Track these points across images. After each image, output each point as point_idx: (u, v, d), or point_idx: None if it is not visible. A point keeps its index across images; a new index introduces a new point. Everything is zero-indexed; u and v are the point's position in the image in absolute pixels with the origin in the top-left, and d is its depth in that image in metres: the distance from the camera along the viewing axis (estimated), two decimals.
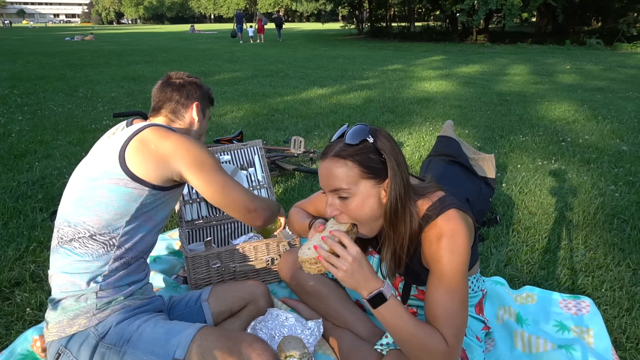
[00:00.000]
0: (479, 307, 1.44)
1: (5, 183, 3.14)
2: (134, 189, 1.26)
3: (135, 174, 1.25)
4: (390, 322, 1.06)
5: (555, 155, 3.86)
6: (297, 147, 3.44)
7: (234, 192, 1.38)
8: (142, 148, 1.26)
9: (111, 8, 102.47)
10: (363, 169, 1.07)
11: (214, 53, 14.83)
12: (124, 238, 1.28)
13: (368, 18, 27.86)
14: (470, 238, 1.10)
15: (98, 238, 1.25)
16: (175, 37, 27.43)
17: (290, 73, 9.55)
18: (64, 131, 4.66)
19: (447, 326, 1.06)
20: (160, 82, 1.50)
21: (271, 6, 76.22)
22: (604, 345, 1.56)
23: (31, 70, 9.55)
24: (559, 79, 8.78)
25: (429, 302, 1.10)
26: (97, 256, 1.26)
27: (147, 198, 1.29)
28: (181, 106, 1.46)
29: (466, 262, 1.09)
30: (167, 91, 1.46)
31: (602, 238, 2.41)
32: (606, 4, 20.33)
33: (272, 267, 1.97)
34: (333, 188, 1.09)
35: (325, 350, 1.55)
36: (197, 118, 1.48)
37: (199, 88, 1.50)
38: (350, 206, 1.09)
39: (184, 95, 1.46)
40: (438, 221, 1.11)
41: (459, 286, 1.08)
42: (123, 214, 1.27)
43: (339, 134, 1.13)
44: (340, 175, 1.07)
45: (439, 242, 1.09)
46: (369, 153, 1.08)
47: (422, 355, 1.06)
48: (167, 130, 1.32)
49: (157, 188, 1.30)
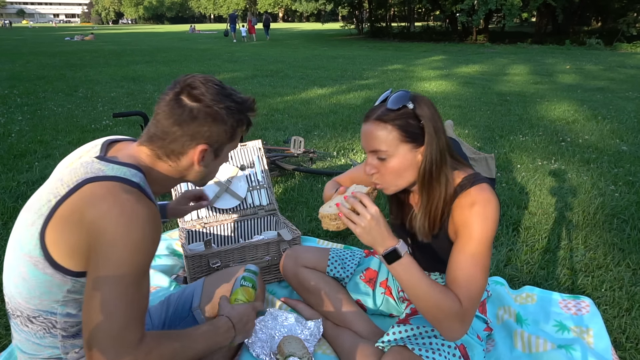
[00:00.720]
0: (482, 307, 1.44)
1: (5, 183, 3.14)
2: (53, 277, 0.94)
3: (53, 258, 0.93)
4: (404, 278, 1.11)
5: (555, 155, 3.86)
6: (297, 147, 3.45)
7: (111, 314, 0.89)
8: (64, 221, 0.91)
9: (111, 8, 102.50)
10: (402, 133, 1.12)
11: (214, 53, 14.83)
12: (67, 323, 1.01)
13: (368, 18, 27.87)
14: (499, 211, 1.16)
15: (34, 321, 1.00)
16: (175, 37, 27.43)
17: (290, 73, 9.55)
18: (63, 131, 4.66)
19: (464, 289, 1.12)
20: (171, 95, 1.02)
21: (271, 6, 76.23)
22: (604, 345, 1.56)
23: (31, 70, 9.55)
24: (559, 79, 8.79)
25: (451, 264, 1.15)
26: (44, 341, 1.02)
27: (75, 286, 0.96)
28: (180, 146, 1.03)
29: (494, 232, 1.14)
30: (171, 118, 1.01)
31: (601, 238, 2.41)
32: (606, 4, 20.34)
33: (272, 267, 1.97)
34: (373, 149, 1.15)
35: (325, 350, 1.55)
36: (199, 163, 1.07)
37: (220, 122, 1.03)
38: (387, 166, 1.15)
39: (188, 132, 1.02)
40: (472, 190, 1.17)
41: (483, 253, 1.13)
42: (50, 300, 0.97)
43: (382, 98, 1.17)
44: (380, 137, 1.13)
45: (471, 208, 1.14)
46: (408, 118, 1.13)
47: (435, 313, 1.11)
48: (114, 195, 0.91)
49: (85, 275, 0.94)
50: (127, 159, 1.02)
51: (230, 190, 2.26)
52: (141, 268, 0.92)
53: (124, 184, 0.94)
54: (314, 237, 2.37)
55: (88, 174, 0.94)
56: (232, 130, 1.07)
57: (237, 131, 1.08)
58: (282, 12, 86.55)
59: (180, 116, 1.00)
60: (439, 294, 1.10)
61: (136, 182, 0.96)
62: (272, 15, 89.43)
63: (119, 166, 0.97)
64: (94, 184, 0.92)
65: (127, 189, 0.93)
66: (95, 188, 0.92)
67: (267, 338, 1.55)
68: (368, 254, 1.73)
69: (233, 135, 1.08)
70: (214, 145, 1.06)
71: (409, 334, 1.30)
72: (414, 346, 1.23)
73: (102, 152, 1.03)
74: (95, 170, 0.95)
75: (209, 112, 1.01)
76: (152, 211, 0.94)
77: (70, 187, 0.93)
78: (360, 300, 1.64)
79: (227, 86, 1.07)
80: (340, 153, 3.96)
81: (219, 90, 1.04)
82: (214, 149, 1.07)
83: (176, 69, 10.06)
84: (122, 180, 0.94)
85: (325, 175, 3.34)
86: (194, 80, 1.02)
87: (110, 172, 0.95)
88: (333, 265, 1.66)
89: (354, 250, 1.77)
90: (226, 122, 1.04)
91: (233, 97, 1.05)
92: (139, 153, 1.05)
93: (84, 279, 0.94)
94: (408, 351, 1.22)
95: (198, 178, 1.12)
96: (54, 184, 0.98)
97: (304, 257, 1.68)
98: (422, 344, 1.24)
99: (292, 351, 1.42)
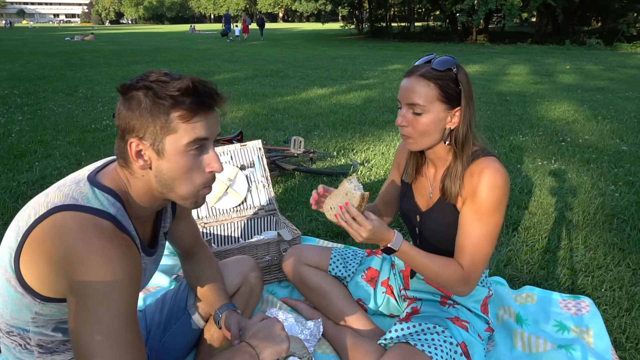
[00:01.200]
0: (484, 307, 1.45)
1: (5, 183, 3.14)
2: (23, 296, 0.90)
3: (24, 278, 0.88)
4: (405, 260, 1.24)
5: (555, 155, 3.86)
6: (297, 147, 3.45)
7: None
8: (35, 245, 0.87)
9: (111, 8, 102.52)
10: (441, 92, 1.20)
11: (214, 53, 14.83)
12: (42, 340, 0.97)
13: (368, 18, 27.87)
14: (508, 183, 1.22)
15: (10, 336, 0.97)
16: (175, 37, 27.43)
17: (290, 73, 9.55)
18: (63, 131, 4.66)
19: (469, 255, 1.23)
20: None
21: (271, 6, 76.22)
22: (604, 345, 1.56)
23: (31, 70, 9.55)
24: (559, 79, 8.79)
25: (460, 232, 1.25)
26: (23, 356, 0.99)
27: (42, 310, 0.92)
28: (121, 145, 0.94)
29: (502, 201, 1.21)
30: (116, 117, 0.93)
31: (601, 238, 2.41)
32: (606, 4, 20.34)
33: (272, 267, 1.97)
34: (411, 102, 1.21)
35: (325, 349, 1.55)
36: (141, 166, 0.92)
37: (135, 108, 0.89)
38: (420, 121, 1.22)
39: (120, 128, 0.92)
40: (482, 160, 1.23)
41: (490, 221, 1.21)
42: (20, 319, 0.94)
43: (426, 59, 1.24)
44: (421, 92, 1.20)
45: (480, 176, 1.21)
46: (450, 81, 1.20)
47: (440, 281, 1.25)
48: (76, 228, 0.85)
49: (54, 301, 0.90)
50: (109, 182, 0.96)
51: (230, 190, 2.26)
52: (122, 308, 0.85)
53: (98, 216, 0.88)
54: (314, 237, 2.37)
55: (67, 198, 0.89)
56: (155, 115, 0.88)
57: (171, 117, 0.88)
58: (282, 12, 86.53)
59: (125, 108, 0.91)
60: (438, 268, 1.23)
61: (112, 213, 0.91)
62: (272, 15, 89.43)
63: (100, 192, 0.93)
64: (67, 213, 0.87)
65: (99, 224, 0.87)
66: (67, 220, 0.86)
67: None
68: (370, 254, 1.73)
69: (167, 122, 0.89)
70: (147, 139, 0.90)
71: (411, 331, 1.31)
72: (416, 342, 1.23)
73: (99, 168, 1.00)
74: (77, 195, 0.90)
75: (127, 98, 0.90)
76: (123, 245, 0.88)
77: (48, 209, 0.88)
78: (361, 300, 1.64)
79: (173, 73, 0.93)
80: (340, 153, 3.96)
81: (145, 75, 0.91)
82: (151, 144, 0.90)
83: (176, 69, 10.06)
84: (97, 212, 0.89)
85: (326, 175, 3.34)
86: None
87: (88, 200, 0.90)
88: (335, 264, 1.66)
89: (356, 250, 1.77)
90: (141, 105, 0.88)
91: (157, 78, 0.90)
92: (116, 170, 0.98)
93: (53, 304, 0.90)
94: (411, 347, 1.23)
95: (160, 187, 0.95)
96: (44, 197, 0.93)
97: (306, 255, 1.69)
98: (425, 340, 1.24)
99: (292, 351, 1.42)
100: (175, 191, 0.95)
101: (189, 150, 0.92)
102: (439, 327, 1.29)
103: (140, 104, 0.88)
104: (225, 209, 2.26)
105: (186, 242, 1.37)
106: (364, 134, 4.61)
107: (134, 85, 0.89)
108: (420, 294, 1.50)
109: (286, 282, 1.98)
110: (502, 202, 1.21)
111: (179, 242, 1.36)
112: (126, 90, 0.90)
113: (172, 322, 1.42)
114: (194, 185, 0.95)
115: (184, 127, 0.90)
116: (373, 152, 3.98)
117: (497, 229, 1.23)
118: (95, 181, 0.95)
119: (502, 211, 1.22)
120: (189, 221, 1.35)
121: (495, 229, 1.23)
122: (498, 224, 1.23)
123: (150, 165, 0.92)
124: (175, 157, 0.91)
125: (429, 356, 1.20)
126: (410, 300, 1.54)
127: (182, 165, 0.92)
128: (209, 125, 0.93)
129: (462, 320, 1.36)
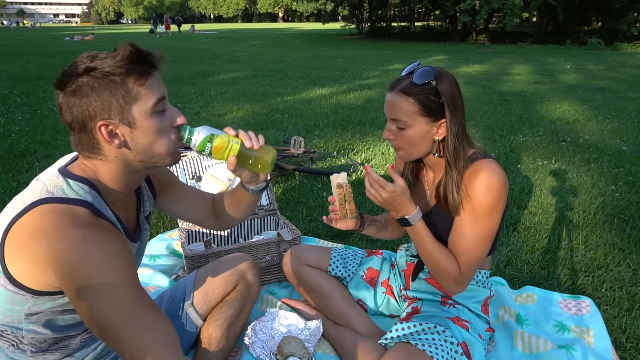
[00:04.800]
0: (485, 308, 1.45)
1: (5, 183, 3.14)
2: (14, 294, 0.90)
3: (12, 275, 0.88)
4: (414, 238, 1.28)
5: (555, 155, 3.86)
6: (297, 147, 3.44)
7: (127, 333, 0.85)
8: (18, 242, 0.87)
9: (111, 8, 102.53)
10: (421, 107, 1.19)
11: (214, 53, 14.83)
12: (34, 339, 0.98)
13: (368, 18, 27.86)
14: (505, 185, 1.21)
15: (3, 335, 0.97)
16: (175, 37, 27.43)
17: (290, 73, 9.54)
18: (63, 131, 4.66)
19: (464, 256, 1.24)
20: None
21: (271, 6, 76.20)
22: (604, 345, 1.56)
23: (31, 70, 9.55)
24: (560, 78, 8.78)
25: (454, 233, 1.26)
26: (16, 356, 1.00)
27: (36, 304, 0.92)
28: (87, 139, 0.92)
29: (498, 204, 1.20)
30: (65, 113, 0.91)
31: (602, 238, 2.41)
32: (606, 3, 20.32)
33: (272, 267, 1.97)
34: (393, 117, 1.22)
35: (325, 350, 1.55)
36: (117, 145, 0.92)
37: (94, 82, 0.87)
38: (404, 135, 1.23)
39: (77, 120, 0.90)
40: (479, 162, 1.22)
41: (485, 224, 1.21)
42: (13, 317, 0.94)
43: (409, 69, 1.24)
44: (401, 108, 1.20)
45: (476, 178, 1.20)
46: (430, 94, 1.19)
47: (436, 272, 1.28)
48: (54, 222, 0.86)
49: (46, 294, 0.91)
50: (80, 172, 0.96)
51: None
52: (122, 283, 0.86)
53: (75, 206, 0.89)
54: (314, 237, 2.37)
55: (43, 193, 0.90)
56: (114, 90, 0.87)
57: (129, 86, 0.89)
58: (282, 12, 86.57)
59: (67, 100, 0.89)
60: (440, 257, 1.25)
61: (89, 201, 0.92)
62: (273, 15, 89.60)
63: (74, 182, 0.93)
64: (45, 207, 0.87)
65: (77, 214, 0.88)
66: (45, 214, 0.86)
67: (267, 338, 1.55)
68: (370, 254, 1.73)
69: (127, 92, 0.88)
70: (114, 117, 0.89)
71: (411, 331, 1.31)
72: (417, 342, 1.23)
73: (68, 163, 1.00)
74: (52, 188, 0.91)
75: (72, 89, 0.87)
76: (104, 228, 0.89)
77: (25, 206, 0.88)
78: (361, 300, 1.64)
79: (98, 52, 0.91)
80: (340, 153, 3.96)
81: (76, 63, 0.89)
82: (120, 120, 0.90)
83: (176, 69, 10.06)
84: (74, 202, 0.90)
85: (326, 175, 3.34)
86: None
87: (64, 192, 0.91)
88: (335, 265, 1.66)
89: (355, 250, 1.77)
90: (94, 87, 0.87)
91: (92, 60, 0.88)
92: (82, 164, 0.98)
93: (46, 297, 0.91)
94: (411, 346, 1.23)
95: (140, 158, 0.95)
96: (20, 196, 0.93)
97: (306, 255, 1.69)
98: (425, 340, 1.24)
99: (292, 351, 1.42)
100: (155, 154, 0.96)
101: (156, 111, 0.93)
102: (440, 327, 1.29)
103: (92, 86, 0.87)
104: None
105: (196, 207, 1.31)
106: (364, 134, 4.61)
107: (72, 73, 0.88)
108: (421, 294, 1.50)
109: (286, 282, 1.98)
110: (498, 204, 1.20)
111: (190, 211, 1.31)
112: (65, 82, 0.88)
113: (172, 317, 1.42)
114: (168, 142, 0.97)
115: (144, 91, 0.91)
116: (373, 152, 3.98)
117: (491, 230, 1.23)
118: (67, 172, 0.95)
119: (498, 213, 1.21)
120: (179, 190, 1.30)
121: (490, 231, 1.23)
122: (493, 226, 1.22)
123: (125, 141, 0.92)
124: (146, 122, 0.92)
125: (430, 356, 1.20)
126: (411, 300, 1.54)
127: (155, 127, 0.93)
128: (160, 84, 0.95)
129: (463, 320, 1.36)
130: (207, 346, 1.39)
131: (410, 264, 1.55)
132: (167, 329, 0.90)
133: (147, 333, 0.86)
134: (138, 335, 0.85)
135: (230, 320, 1.42)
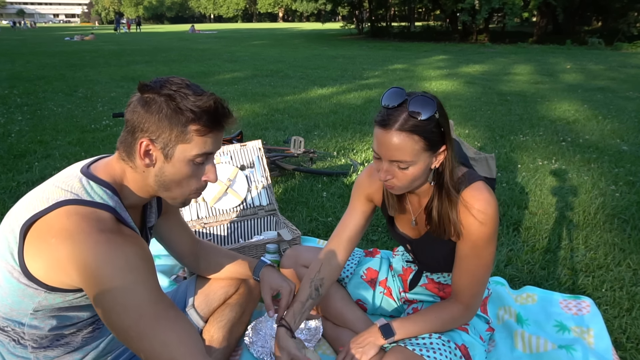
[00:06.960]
0: (483, 307, 1.45)
1: (5, 183, 3.13)
2: (27, 287, 0.92)
3: (28, 269, 0.90)
4: (404, 336, 1.27)
5: (555, 155, 3.86)
6: (297, 147, 3.44)
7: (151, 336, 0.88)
8: (41, 238, 0.89)
9: (111, 8, 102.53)
10: (427, 143, 1.09)
11: (214, 53, 14.83)
12: (35, 335, 0.98)
13: (368, 18, 27.87)
14: (497, 208, 1.17)
15: (5, 330, 0.98)
16: (175, 37, 27.43)
17: (290, 73, 9.54)
18: (63, 131, 4.66)
19: (468, 289, 1.24)
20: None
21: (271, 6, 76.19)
22: (605, 345, 1.56)
23: (31, 70, 9.55)
24: (560, 78, 8.78)
25: (457, 271, 1.24)
26: (17, 352, 1.00)
27: (46, 299, 0.94)
28: (130, 138, 0.97)
29: (495, 231, 1.17)
30: (129, 111, 0.97)
31: (602, 238, 2.40)
32: (607, 3, 20.32)
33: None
34: (395, 159, 1.09)
35: (325, 350, 1.55)
36: (147, 164, 0.97)
37: (155, 112, 0.93)
38: (407, 173, 1.11)
39: (132, 124, 0.96)
40: (467, 192, 1.16)
41: (486, 253, 1.19)
42: (19, 311, 0.95)
43: (399, 101, 1.08)
44: (405, 148, 1.07)
45: (469, 216, 1.16)
46: (433, 127, 1.08)
47: (445, 328, 1.28)
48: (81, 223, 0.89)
49: (59, 291, 0.93)
50: (104, 174, 1.00)
51: (230, 190, 2.26)
52: (143, 286, 0.89)
53: (100, 209, 0.93)
54: (314, 237, 2.37)
55: (68, 194, 0.93)
56: (174, 124, 0.93)
57: (188, 129, 0.94)
58: (282, 11, 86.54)
59: (139, 104, 0.95)
60: (435, 320, 1.27)
61: (112, 206, 0.96)
62: (272, 15, 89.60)
63: (97, 185, 0.97)
64: (71, 208, 0.91)
65: (102, 218, 0.92)
66: (71, 215, 0.89)
67: (267, 338, 1.55)
68: (368, 254, 1.73)
69: (183, 133, 0.94)
70: (158, 142, 0.94)
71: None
72: (415, 347, 1.22)
73: (90, 163, 1.03)
74: (77, 190, 0.94)
75: (147, 99, 0.94)
76: (127, 234, 0.94)
77: (50, 204, 0.91)
78: (361, 301, 1.64)
79: (192, 84, 0.97)
80: (340, 153, 3.96)
81: (167, 82, 0.95)
82: (161, 148, 0.95)
83: (176, 69, 10.06)
84: (98, 206, 0.94)
85: (325, 175, 3.34)
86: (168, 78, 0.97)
87: (89, 194, 0.95)
88: None
89: (353, 250, 1.76)
90: (161, 111, 0.92)
91: (179, 89, 0.94)
92: (112, 161, 1.02)
93: (58, 293, 0.93)
94: (408, 351, 1.22)
95: (157, 185, 1.00)
96: (40, 193, 0.95)
97: (304, 256, 1.68)
98: (423, 344, 1.24)
99: None
100: (169, 192, 1.02)
101: (195, 160, 0.98)
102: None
103: (161, 110, 0.93)
104: (225, 209, 2.26)
105: (185, 241, 1.38)
106: (364, 134, 4.61)
107: (156, 89, 0.94)
108: (420, 297, 1.50)
109: None
110: (495, 231, 1.18)
111: (178, 242, 1.36)
112: (146, 90, 0.94)
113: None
114: (189, 190, 1.03)
115: (197, 140, 0.96)
116: (373, 152, 3.97)
117: (493, 255, 1.21)
118: (90, 175, 0.99)
119: (495, 238, 1.19)
120: (178, 218, 1.37)
121: (492, 256, 1.21)
122: (493, 252, 1.21)
123: (154, 165, 0.98)
124: (181, 164, 0.98)
125: None
126: (411, 303, 1.54)
127: (185, 172, 0.99)
128: (217, 142, 1.00)
129: None
130: (209, 347, 1.39)
131: (406, 269, 1.54)
132: (189, 328, 0.93)
133: (169, 333, 0.89)
134: (160, 335, 0.88)
135: (233, 323, 1.42)
